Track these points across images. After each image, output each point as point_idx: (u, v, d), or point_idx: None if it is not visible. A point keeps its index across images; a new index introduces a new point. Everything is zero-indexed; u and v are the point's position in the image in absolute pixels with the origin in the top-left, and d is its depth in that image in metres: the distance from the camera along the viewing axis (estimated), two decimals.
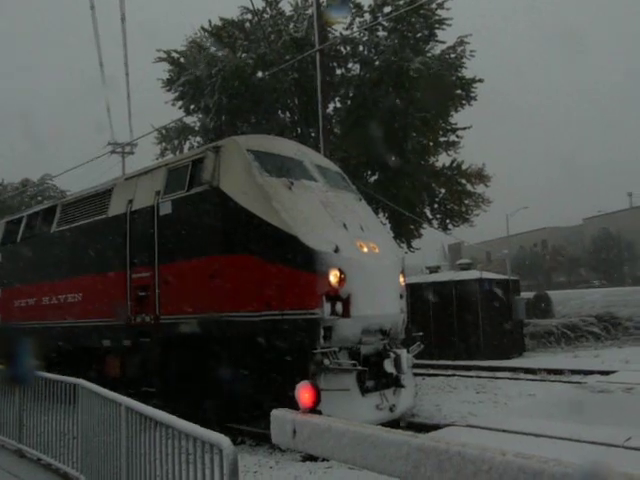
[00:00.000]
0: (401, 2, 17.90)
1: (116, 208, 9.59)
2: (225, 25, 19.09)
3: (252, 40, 18.72)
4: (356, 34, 18.69)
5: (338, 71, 19.46)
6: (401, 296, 8.33)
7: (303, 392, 3.21)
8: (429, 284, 17.20)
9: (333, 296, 6.99)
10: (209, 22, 19.04)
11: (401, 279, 8.45)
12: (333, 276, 6.99)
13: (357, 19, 18.75)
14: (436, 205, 20.02)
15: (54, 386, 6.20)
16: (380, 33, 18.72)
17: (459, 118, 19.42)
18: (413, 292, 14.83)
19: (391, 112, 17.76)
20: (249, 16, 19.34)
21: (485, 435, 6.77)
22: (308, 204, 7.64)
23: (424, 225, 19.95)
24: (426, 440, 2.49)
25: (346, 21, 18.50)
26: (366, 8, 18.42)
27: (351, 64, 19.47)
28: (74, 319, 10.09)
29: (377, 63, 18.48)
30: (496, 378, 12.52)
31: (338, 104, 19.85)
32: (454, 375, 13.12)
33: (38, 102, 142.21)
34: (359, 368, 7.04)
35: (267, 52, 17.62)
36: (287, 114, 20.16)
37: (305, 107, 18.58)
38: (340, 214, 7.85)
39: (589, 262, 65.57)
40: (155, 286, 8.42)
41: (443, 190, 19.86)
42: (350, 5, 18.08)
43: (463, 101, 18.95)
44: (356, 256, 7.37)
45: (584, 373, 12.09)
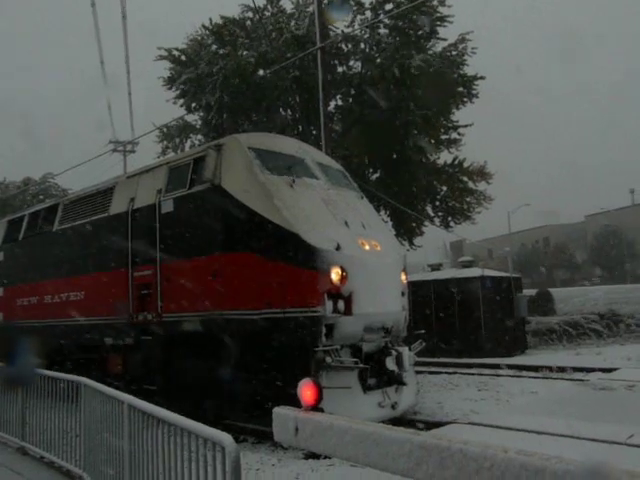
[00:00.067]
0: None
1: (118, 206, 9.60)
2: (226, 23, 19.04)
3: (253, 38, 18.69)
4: (357, 31, 18.67)
5: (339, 69, 19.42)
6: (403, 294, 8.33)
7: (305, 390, 3.20)
8: (431, 282, 17.20)
9: (335, 294, 7.00)
10: (210, 20, 19.03)
11: (403, 277, 8.45)
12: (335, 274, 6.99)
13: (358, 16, 18.71)
14: (438, 202, 20.00)
15: (56, 384, 6.21)
16: (381, 30, 18.69)
17: (460, 116, 19.43)
18: (415, 290, 14.81)
19: (392, 110, 17.72)
20: (250, 14, 19.36)
21: (487, 432, 6.78)
22: (310, 202, 7.64)
23: (426, 223, 19.93)
24: (428, 438, 2.48)
25: (347, 19, 18.47)
26: (367, 5, 18.38)
27: (352, 62, 19.45)
28: (76, 317, 10.11)
29: (378, 61, 18.44)
30: (498, 375, 12.55)
31: (339, 102, 19.85)
32: (456, 373, 13.14)
33: (38, 102, 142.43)
34: (361, 366, 7.06)
35: (268, 50, 17.61)
36: (288, 112, 20.14)
37: (306, 105, 18.56)
38: (342, 212, 7.85)
39: (591, 259, 65.47)
40: (157, 284, 8.43)
41: (445, 187, 19.84)
42: (351, 3, 18.04)
43: (464, 98, 18.89)
44: (358, 254, 7.37)
45: (586, 370, 12.08)
